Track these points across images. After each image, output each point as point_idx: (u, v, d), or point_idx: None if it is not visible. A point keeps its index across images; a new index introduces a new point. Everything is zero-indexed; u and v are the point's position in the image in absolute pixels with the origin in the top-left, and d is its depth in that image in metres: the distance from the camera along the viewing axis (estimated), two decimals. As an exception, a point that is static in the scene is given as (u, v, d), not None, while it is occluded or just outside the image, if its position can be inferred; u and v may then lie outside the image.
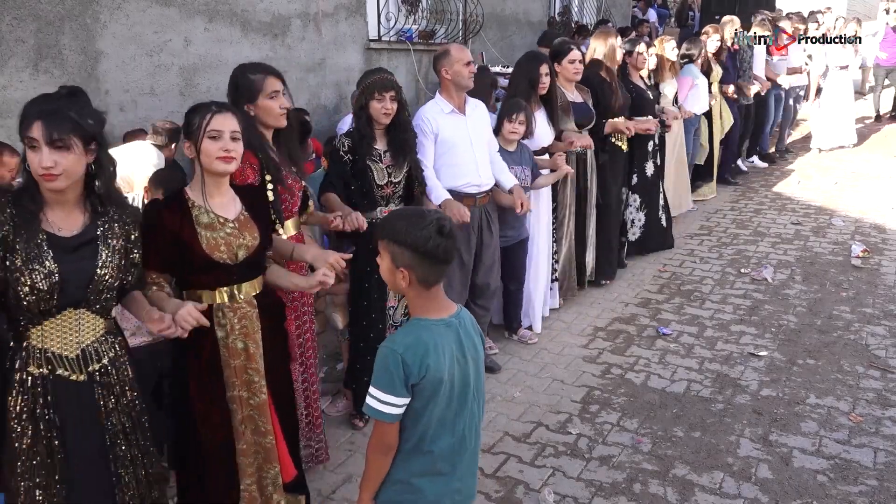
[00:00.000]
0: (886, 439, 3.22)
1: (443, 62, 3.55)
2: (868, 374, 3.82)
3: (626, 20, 11.39)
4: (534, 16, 8.94)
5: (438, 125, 3.53)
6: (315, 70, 5.86)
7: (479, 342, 1.89)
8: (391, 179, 3.23)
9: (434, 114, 3.56)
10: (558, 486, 2.95)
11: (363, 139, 3.17)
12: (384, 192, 3.23)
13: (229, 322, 2.26)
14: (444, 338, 1.78)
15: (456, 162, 3.57)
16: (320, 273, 2.36)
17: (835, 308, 4.69)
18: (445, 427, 1.82)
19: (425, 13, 7.20)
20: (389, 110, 3.12)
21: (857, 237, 6.11)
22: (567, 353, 4.16)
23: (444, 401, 1.78)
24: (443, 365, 1.75)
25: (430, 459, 1.82)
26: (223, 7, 5.07)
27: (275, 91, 2.66)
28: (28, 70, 4.08)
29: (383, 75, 3.14)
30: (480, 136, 3.68)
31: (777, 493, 2.87)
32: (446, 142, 3.55)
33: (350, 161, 3.16)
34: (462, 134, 3.59)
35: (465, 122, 3.62)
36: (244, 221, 2.30)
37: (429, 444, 1.81)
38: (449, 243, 1.75)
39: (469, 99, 3.68)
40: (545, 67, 4.12)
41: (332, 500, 2.92)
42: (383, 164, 3.20)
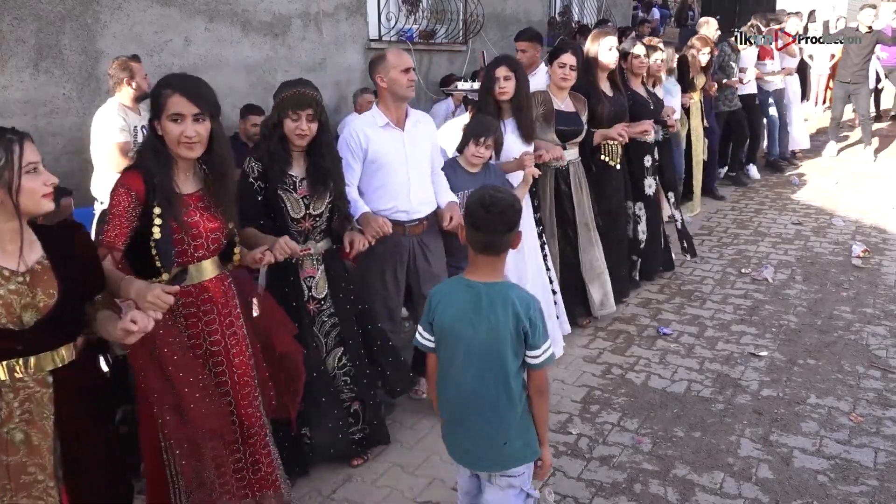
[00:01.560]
0: (887, 439, 3.22)
1: (378, 68, 3.13)
2: (868, 374, 3.82)
3: (627, 20, 11.39)
4: (534, 16, 8.94)
5: (368, 140, 3.09)
6: (315, 70, 5.87)
7: (507, 317, 1.97)
8: (310, 212, 2.80)
9: (365, 127, 3.13)
10: (559, 486, 2.95)
11: (274, 163, 2.72)
12: (301, 226, 2.80)
13: (6, 406, 1.79)
14: (461, 294, 2.02)
15: (385, 183, 3.13)
16: (127, 319, 1.80)
17: (835, 308, 4.69)
18: (450, 378, 2.06)
19: (426, 13, 7.21)
20: (305, 131, 2.68)
21: (857, 237, 6.11)
22: (567, 352, 4.16)
23: (449, 350, 2.05)
24: (448, 315, 2.02)
25: (444, 406, 2.13)
26: (224, 7, 5.07)
27: (177, 114, 2.10)
28: (28, 70, 4.09)
29: (301, 89, 2.70)
30: (420, 156, 3.21)
31: (777, 494, 2.87)
32: (377, 160, 3.11)
33: (261, 189, 2.74)
34: (396, 151, 3.14)
35: (401, 138, 3.17)
36: (39, 273, 1.82)
37: (443, 390, 2.11)
38: (489, 217, 1.96)
39: (411, 112, 3.25)
40: (503, 70, 3.60)
41: (333, 500, 2.92)
42: (298, 195, 2.77)
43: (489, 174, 3.54)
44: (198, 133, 2.13)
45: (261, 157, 2.75)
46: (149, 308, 1.87)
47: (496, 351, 1.97)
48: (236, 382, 2.41)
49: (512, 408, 2.02)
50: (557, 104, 4.05)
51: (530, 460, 2.10)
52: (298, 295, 2.85)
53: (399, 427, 3.40)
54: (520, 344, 1.98)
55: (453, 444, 2.14)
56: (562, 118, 4.04)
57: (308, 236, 2.84)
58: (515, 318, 1.95)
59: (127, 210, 2.12)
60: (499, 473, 2.07)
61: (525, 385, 2.06)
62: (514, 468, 2.06)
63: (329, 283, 2.92)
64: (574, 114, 4.12)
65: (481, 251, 2.01)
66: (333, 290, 2.94)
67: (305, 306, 2.87)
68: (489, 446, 2.04)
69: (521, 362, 2.01)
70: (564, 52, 3.99)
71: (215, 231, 2.29)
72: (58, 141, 4.32)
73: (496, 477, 2.08)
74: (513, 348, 1.97)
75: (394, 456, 3.18)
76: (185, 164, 2.24)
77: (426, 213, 3.27)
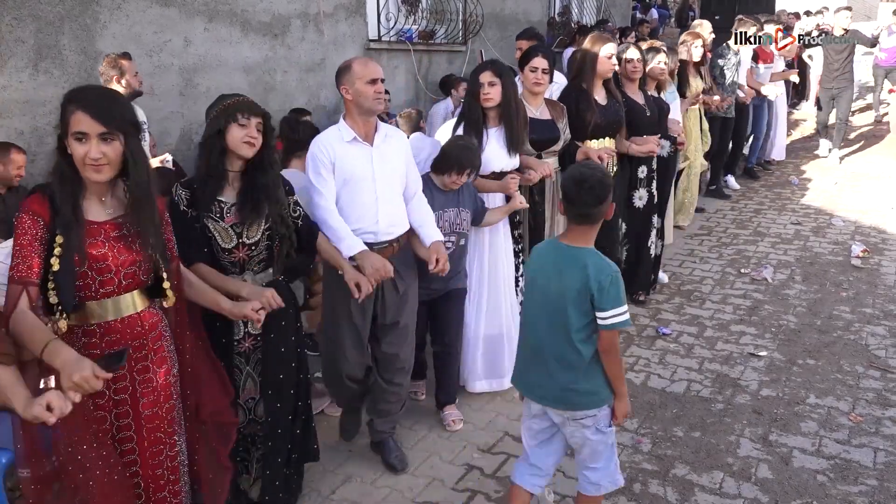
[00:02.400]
0: (886, 439, 3.22)
1: (342, 79, 2.86)
2: (868, 374, 3.82)
3: (626, 20, 11.40)
4: (534, 16, 8.95)
5: (335, 154, 2.83)
6: (315, 70, 5.87)
7: (577, 278, 2.18)
8: (243, 241, 2.46)
9: (331, 140, 2.86)
10: (558, 486, 2.95)
11: (207, 185, 2.42)
12: (234, 256, 2.46)
13: None
14: (548, 252, 2.34)
15: (351, 201, 2.87)
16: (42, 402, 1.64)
17: (835, 308, 4.69)
18: (529, 321, 2.37)
19: (425, 13, 7.21)
20: (254, 139, 2.38)
21: (856, 237, 6.11)
22: (567, 353, 4.16)
23: (530, 297, 2.37)
24: (533, 268, 2.38)
25: (522, 345, 2.41)
26: (223, 7, 5.07)
27: (81, 133, 1.88)
28: (28, 70, 4.08)
29: (242, 98, 2.45)
30: (390, 174, 2.93)
31: (777, 493, 2.87)
32: (342, 177, 2.85)
33: (195, 218, 2.42)
34: (364, 168, 2.87)
35: (369, 154, 2.88)
36: None
37: (522, 331, 2.43)
38: (580, 192, 2.19)
39: (381, 126, 2.96)
40: (488, 75, 3.39)
41: (332, 500, 2.92)
42: (226, 223, 2.43)
43: (462, 192, 3.28)
44: (104, 154, 1.88)
45: (189, 182, 2.47)
46: (70, 389, 1.67)
47: (562, 305, 2.20)
48: (144, 438, 2.10)
49: (576, 358, 2.23)
50: (532, 111, 3.74)
51: (596, 407, 2.28)
52: (229, 332, 2.53)
53: (399, 428, 3.39)
54: (585, 303, 2.17)
55: (524, 379, 2.40)
56: (536, 126, 3.73)
57: (244, 267, 2.51)
58: (584, 280, 2.16)
59: (35, 238, 1.90)
60: (570, 416, 2.29)
61: (594, 342, 2.24)
62: (580, 411, 2.28)
63: (267, 318, 2.45)
64: (550, 121, 3.82)
65: (576, 222, 2.26)
66: (268, 327, 2.54)
67: (238, 344, 2.55)
68: (555, 387, 2.28)
69: (591, 320, 2.20)
70: (536, 56, 3.70)
71: (130, 265, 2.02)
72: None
73: (570, 420, 2.30)
74: (577, 306, 2.18)
75: (393, 456, 3.18)
76: (99, 187, 1.99)
77: (396, 234, 2.96)
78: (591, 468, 2.38)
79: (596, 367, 2.25)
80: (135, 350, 2.07)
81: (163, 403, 2.14)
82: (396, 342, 3.06)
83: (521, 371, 2.42)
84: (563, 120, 3.89)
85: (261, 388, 2.61)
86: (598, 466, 2.37)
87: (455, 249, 3.27)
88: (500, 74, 3.39)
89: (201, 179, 2.43)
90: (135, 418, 2.09)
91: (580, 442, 2.34)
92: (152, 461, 2.13)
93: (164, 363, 2.16)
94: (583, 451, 2.36)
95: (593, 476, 2.38)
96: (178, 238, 2.29)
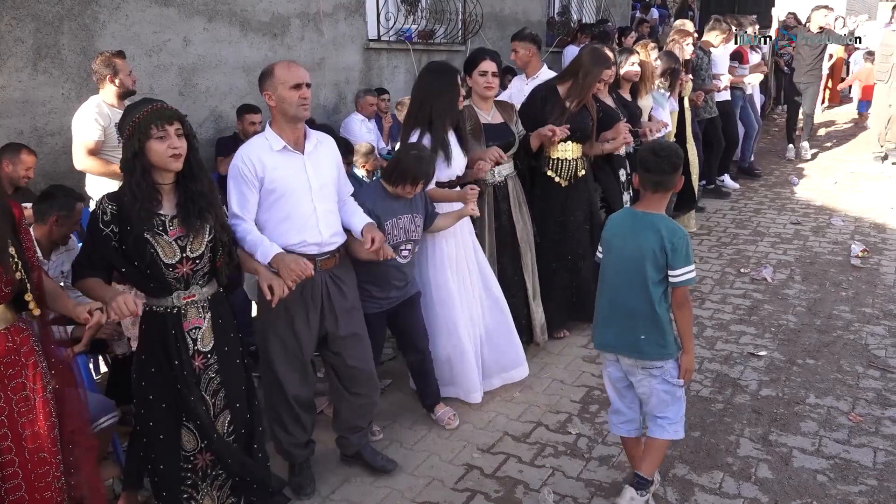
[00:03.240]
0: (886, 439, 3.22)
1: (265, 84, 2.68)
2: (867, 373, 3.82)
3: (626, 20, 11.40)
4: (533, 15, 8.95)
5: (264, 167, 2.65)
6: (314, 70, 5.87)
7: (652, 240, 2.47)
8: (187, 255, 2.31)
9: (259, 151, 2.67)
10: (558, 486, 2.95)
11: (138, 203, 2.22)
12: (178, 272, 2.32)
13: None
14: (624, 220, 2.62)
15: (289, 214, 2.70)
16: None
17: (834, 308, 4.69)
18: (606, 281, 2.64)
19: (425, 13, 7.21)
20: (178, 149, 2.21)
21: (856, 237, 6.11)
22: (566, 352, 4.16)
23: (606, 259, 2.64)
24: (610, 232, 2.63)
25: (599, 303, 2.67)
26: (222, 7, 5.07)
27: None
28: (27, 70, 4.08)
29: (156, 104, 2.25)
30: (325, 182, 2.80)
31: (777, 493, 2.87)
32: (276, 189, 2.67)
33: (116, 235, 2.25)
34: (298, 178, 2.71)
35: (301, 162, 2.73)
36: None
37: (599, 291, 2.67)
38: (658, 160, 2.49)
39: (311, 133, 2.80)
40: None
41: (332, 500, 2.92)
42: (170, 237, 2.28)
43: (415, 198, 3.16)
44: None
45: (118, 196, 2.26)
46: None
47: (640, 264, 2.48)
48: (27, 460, 1.99)
49: (649, 310, 2.50)
50: (484, 117, 3.66)
51: (664, 358, 2.55)
52: (181, 350, 2.37)
53: (398, 428, 3.39)
54: (660, 260, 2.47)
55: (602, 336, 2.66)
56: (491, 132, 3.63)
57: (189, 282, 2.36)
58: (659, 241, 2.45)
59: None
60: (639, 365, 2.56)
61: (666, 297, 2.54)
62: (649, 361, 2.54)
63: (215, 333, 2.44)
64: (503, 125, 3.72)
65: (652, 189, 2.53)
66: (219, 342, 2.46)
67: (190, 362, 2.39)
68: (628, 336, 2.55)
69: (664, 277, 2.49)
70: (483, 59, 3.61)
71: None
72: (56, 141, 4.31)
73: (639, 368, 2.57)
74: (653, 264, 2.47)
75: (393, 456, 3.18)
76: None
77: (339, 243, 2.85)
78: (658, 417, 2.62)
79: (667, 322, 2.53)
80: (7, 367, 1.97)
81: (43, 422, 2.04)
82: (357, 354, 2.94)
83: (598, 325, 2.69)
84: (514, 119, 3.82)
85: (227, 406, 2.49)
86: (667, 415, 2.61)
87: (411, 257, 3.20)
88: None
89: (131, 198, 2.23)
90: (14, 439, 1.98)
91: (647, 392, 2.60)
92: (38, 483, 2.02)
93: (39, 379, 2.05)
94: (650, 400, 2.61)
95: (661, 422, 2.62)
96: (88, 252, 2.26)
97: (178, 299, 2.33)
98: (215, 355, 2.44)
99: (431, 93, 3.30)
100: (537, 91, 4.08)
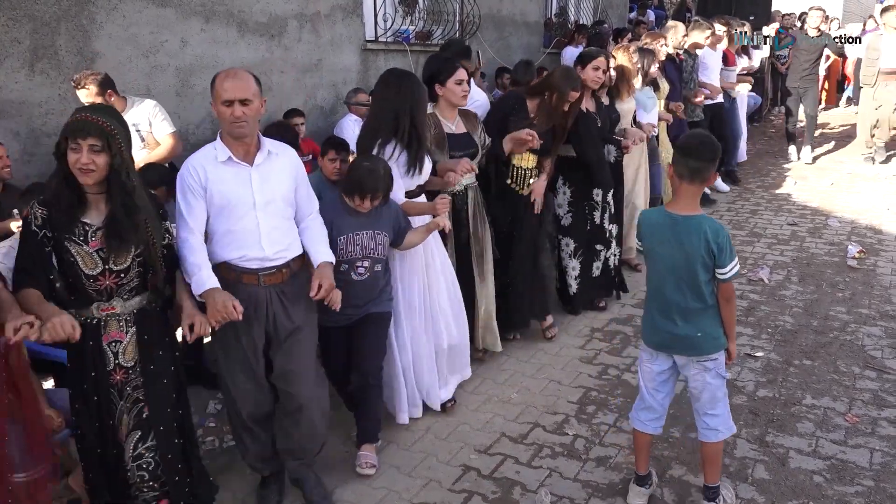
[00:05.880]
0: (882, 440, 3.22)
1: (211, 95, 2.55)
2: (864, 374, 3.82)
3: (623, 21, 11.41)
4: (530, 16, 8.95)
5: (207, 178, 2.53)
6: (312, 71, 5.86)
7: (700, 244, 2.50)
8: (110, 267, 2.24)
9: (204, 161, 2.56)
10: (555, 487, 2.95)
11: (60, 207, 2.19)
12: (100, 284, 2.25)
13: None
14: (661, 222, 2.61)
15: (231, 228, 2.58)
16: None
17: (831, 309, 4.69)
18: (655, 287, 2.69)
19: (422, 14, 7.21)
20: (87, 165, 2.14)
21: (853, 238, 6.12)
22: (564, 353, 4.16)
23: (654, 266, 2.68)
24: (653, 240, 2.64)
25: (650, 307, 2.73)
26: (220, 8, 5.06)
27: None
28: (24, 71, 4.07)
29: (86, 115, 2.19)
30: (273, 196, 2.62)
31: (773, 494, 2.88)
32: (218, 202, 2.56)
33: (48, 239, 2.20)
34: (241, 191, 2.57)
35: (247, 175, 2.58)
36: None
37: (649, 297, 2.74)
38: (701, 146, 2.53)
39: (265, 143, 2.63)
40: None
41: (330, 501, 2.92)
42: (91, 247, 2.21)
43: (381, 212, 3.02)
44: None
45: (48, 201, 2.22)
46: None
47: (691, 268, 2.54)
48: None
49: (703, 309, 2.59)
50: (448, 126, 3.58)
51: (719, 350, 2.65)
52: (98, 364, 2.31)
53: (396, 428, 3.39)
54: (709, 262, 2.52)
55: (655, 337, 2.71)
56: (454, 141, 3.56)
57: (111, 295, 2.29)
58: (706, 244, 2.50)
59: None
60: (696, 359, 2.63)
61: (714, 293, 2.61)
62: (706, 355, 2.62)
63: (140, 349, 2.36)
64: (465, 134, 3.63)
65: (689, 179, 2.53)
66: (144, 358, 2.37)
67: (109, 376, 2.33)
68: (685, 335, 2.61)
69: (711, 275, 2.55)
70: (458, 69, 3.52)
71: None
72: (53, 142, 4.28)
73: (694, 362, 2.64)
74: (703, 266, 2.53)
75: (390, 457, 3.18)
76: None
77: (287, 258, 2.68)
78: (710, 415, 2.68)
79: (715, 315, 2.62)
80: None
81: None
82: (295, 382, 2.74)
83: (651, 329, 2.73)
84: (478, 129, 3.71)
85: (140, 426, 2.39)
86: (717, 413, 2.67)
87: (369, 275, 3.02)
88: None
89: (55, 201, 2.21)
90: None
91: (700, 387, 2.66)
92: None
93: None
94: (702, 396, 2.67)
95: (713, 422, 2.68)
96: (24, 257, 2.18)
97: (98, 310, 2.27)
98: (139, 372, 2.37)
99: (411, 102, 3.14)
100: (505, 100, 4.01)
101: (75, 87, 3.83)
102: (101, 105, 2.38)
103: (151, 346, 2.39)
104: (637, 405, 2.86)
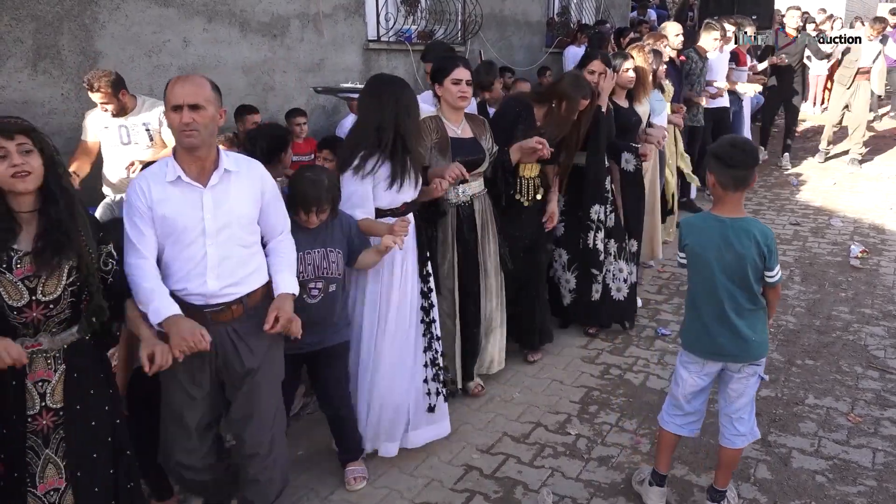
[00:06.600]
0: (885, 440, 3.22)
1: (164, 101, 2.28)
2: (867, 374, 3.82)
3: (625, 21, 11.40)
4: (532, 16, 8.95)
5: (152, 199, 2.22)
6: (314, 71, 5.86)
7: (751, 246, 2.47)
8: (38, 297, 1.99)
9: (150, 180, 2.25)
10: (557, 487, 2.95)
11: None
12: (26, 316, 1.99)
13: None
14: (711, 228, 2.54)
15: (175, 257, 2.27)
16: None
17: (833, 308, 4.69)
18: (703, 294, 2.59)
19: (424, 14, 7.20)
20: (19, 166, 1.90)
21: (855, 238, 6.12)
22: (566, 353, 4.16)
23: (700, 272, 2.58)
24: (699, 245, 2.56)
25: (696, 316, 2.64)
26: (222, 7, 5.07)
27: None
28: (27, 70, 4.08)
29: (9, 120, 1.96)
30: (229, 221, 2.30)
31: (776, 494, 2.88)
32: (164, 226, 2.25)
33: None
34: (190, 216, 2.24)
35: (199, 197, 2.25)
36: None
37: (694, 305, 2.65)
38: (742, 154, 2.47)
39: (225, 158, 2.30)
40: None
41: (330, 501, 2.92)
42: (15, 276, 1.95)
43: (334, 228, 2.80)
44: None
45: None
46: None
47: (742, 271, 2.50)
48: None
49: (755, 309, 2.57)
50: (453, 130, 3.30)
51: (765, 355, 2.63)
52: (19, 406, 2.04)
53: (397, 428, 3.39)
54: (760, 264, 2.50)
55: (703, 346, 2.64)
56: (458, 147, 3.27)
57: (39, 329, 2.03)
58: (757, 247, 2.47)
59: None
60: (746, 363, 2.59)
61: (761, 295, 2.58)
62: (759, 359, 2.61)
63: (66, 390, 2.09)
64: (472, 140, 3.35)
65: (733, 187, 2.50)
66: (71, 399, 2.10)
67: (34, 421, 2.06)
68: (740, 340, 2.56)
69: (759, 277, 2.53)
70: (457, 67, 3.22)
71: None
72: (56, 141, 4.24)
73: (745, 367, 2.60)
74: (754, 269, 2.50)
75: (392, 457, 3.18)
76: None
77: (240, 294, 2.35)
78: (740, 419, 2.65)
79: (765, 318, 2.62)
80: None
81: None
82: (254, 428, 2.46)
83: (704, 337, 2.63)
84: (486, 135, 3.43)
85: (67, 474, 2.09)
86: (746, 418, 2.66)
87: (323, 297, 2.77)
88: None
89: None
90: None
91: (741, 391, 2.63)
92: None
93: None
94: (738, 401, 2.64)
95: (742, 428, 2.66)
96: None
97: (21, 347, 1.96)
98: (71, 410, 2.09)
99: (396, 111, 2.83)
100: (511, 106, 3.79)
101: (88, 89, 3.82)
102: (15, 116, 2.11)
103: (81, 386, 2.11)
104: (670, 411, 2.79)
